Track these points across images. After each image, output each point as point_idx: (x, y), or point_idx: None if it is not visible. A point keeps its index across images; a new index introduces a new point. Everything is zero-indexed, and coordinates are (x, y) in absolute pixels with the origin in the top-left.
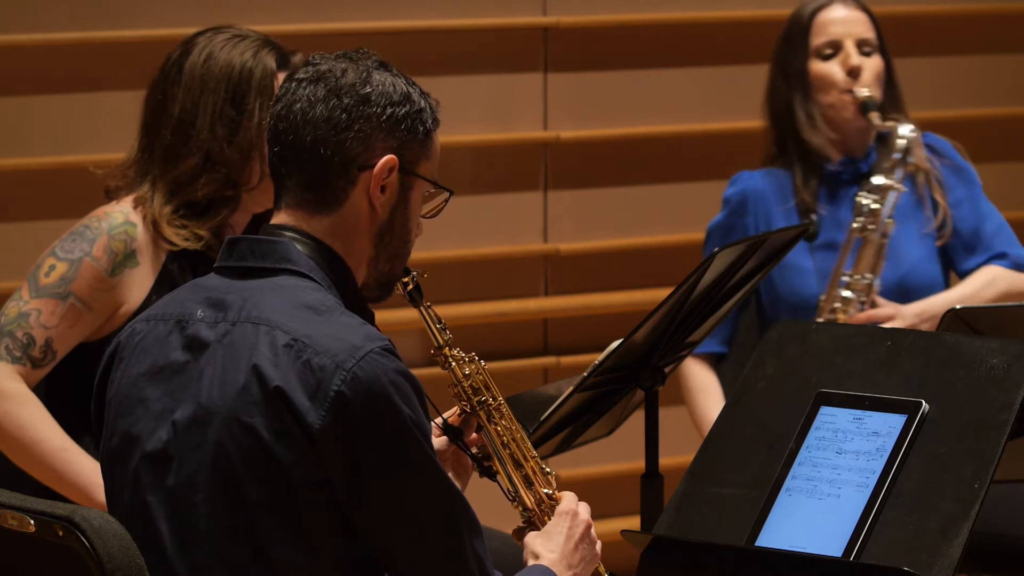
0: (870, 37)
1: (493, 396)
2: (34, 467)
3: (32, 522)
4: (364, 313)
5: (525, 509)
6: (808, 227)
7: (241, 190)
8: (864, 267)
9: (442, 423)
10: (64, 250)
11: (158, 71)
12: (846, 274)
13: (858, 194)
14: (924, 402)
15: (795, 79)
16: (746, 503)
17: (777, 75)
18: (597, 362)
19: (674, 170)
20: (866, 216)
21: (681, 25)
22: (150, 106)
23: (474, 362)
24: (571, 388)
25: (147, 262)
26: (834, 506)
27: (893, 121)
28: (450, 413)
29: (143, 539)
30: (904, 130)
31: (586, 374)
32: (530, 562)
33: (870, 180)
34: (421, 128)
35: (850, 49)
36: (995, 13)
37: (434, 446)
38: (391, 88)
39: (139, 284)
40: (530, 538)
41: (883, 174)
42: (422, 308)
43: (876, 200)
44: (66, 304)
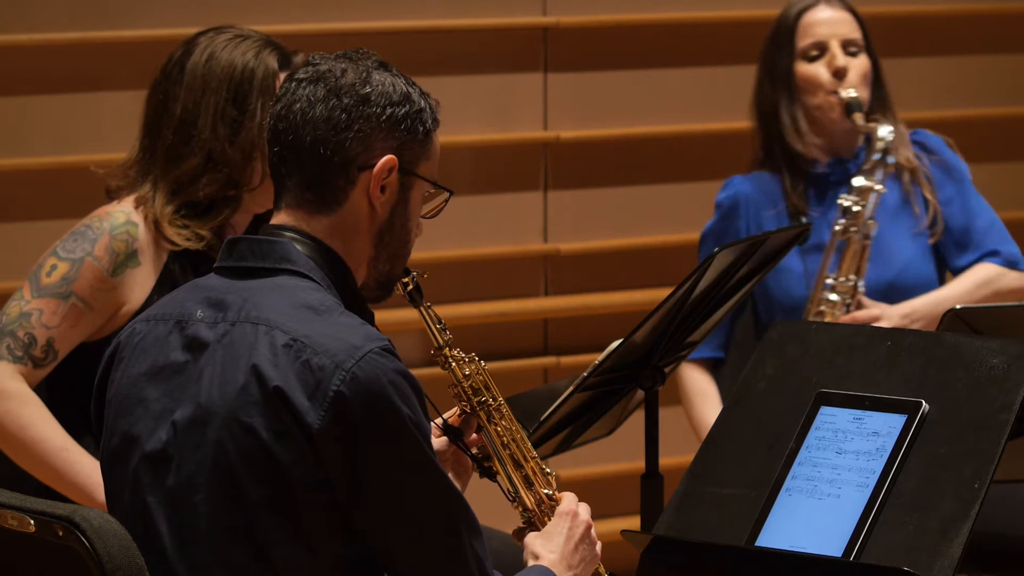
0: (856, 37)
1: (493, 396)
2: (35, 467)
3: (32, 522)
4: (364, 313)
5: (525, 510)
6: (808, 227)
7: (243, 190)
8: (848, 269)
9: (442, 423)
10: (66, 250)
11: (160, 71)
12: (830, 276)
13: (840, 197)
14: (924, 402)
15: (781, 81)
16: (746, 503)
17: (764, 77)
18: (597, 362)
19: (674, 170)
20: (848, 218)
21: (681, 25)
22: (152, 106)
23: (474, 362)
24: (571, 388)
25: (148, 262)
26: (834, 506)
27: (874, 123)
28: (450, 413)
29: (143, 539)
30: (883, 131)
31: (586, 374)
32: (530, 562)
33: (851, 182)
34: (421, 128)
35: (836, 50)
36: (995, 13)
37: (434, 446)
38: (391, 88)
39: (140, 284)
40: (530, 538)
41: (864, 176)
42: (422, 308)
43: (857, 202)
44: (68, 304)
